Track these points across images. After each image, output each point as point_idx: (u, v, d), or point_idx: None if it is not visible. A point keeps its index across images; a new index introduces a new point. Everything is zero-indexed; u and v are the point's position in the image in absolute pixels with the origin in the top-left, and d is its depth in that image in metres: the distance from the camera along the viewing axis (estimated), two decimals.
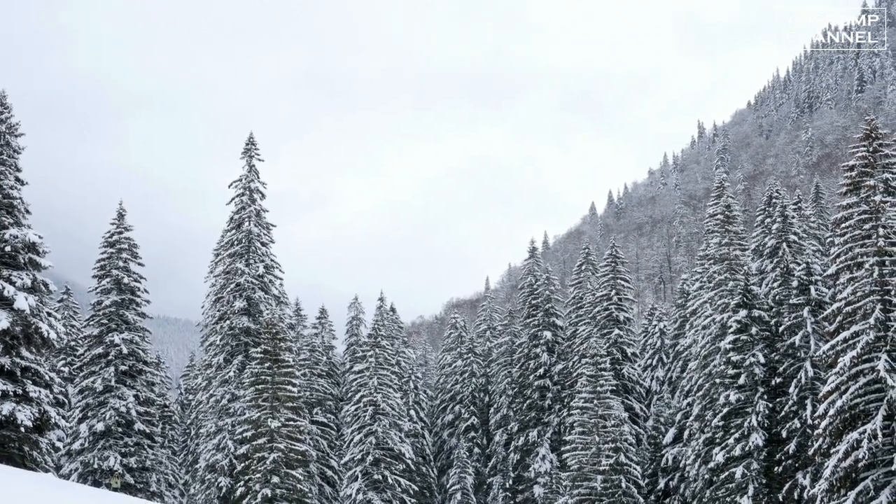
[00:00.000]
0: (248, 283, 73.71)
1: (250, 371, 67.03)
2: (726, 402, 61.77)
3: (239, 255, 74.84)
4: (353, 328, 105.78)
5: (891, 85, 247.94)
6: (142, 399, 68.60)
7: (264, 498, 62.43)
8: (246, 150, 76.71)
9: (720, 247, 72.08)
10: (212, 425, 71.26)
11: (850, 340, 44.99)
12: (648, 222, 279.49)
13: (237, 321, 72.93)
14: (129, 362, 68.26)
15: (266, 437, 64.40)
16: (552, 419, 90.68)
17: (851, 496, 43.03)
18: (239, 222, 75.69)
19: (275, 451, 63.71)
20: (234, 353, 73.42)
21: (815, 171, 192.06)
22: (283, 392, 66.24)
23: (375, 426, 72.59)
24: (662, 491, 76.35)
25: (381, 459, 72.16)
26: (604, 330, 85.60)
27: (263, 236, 76.25)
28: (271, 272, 76.04)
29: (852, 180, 47.16)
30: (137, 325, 70.30)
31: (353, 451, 72.55)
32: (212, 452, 70.29)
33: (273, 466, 63.30)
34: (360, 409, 73.88)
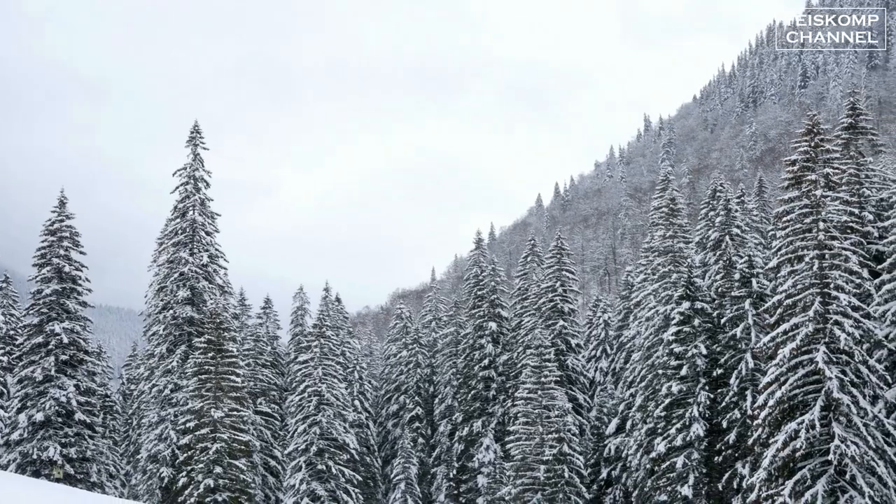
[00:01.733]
0: (192, 273, 73.20)
1: (193, 361, 66.65)
2: (669, 393, 62.40)
3: (183, 244, 74.29)
4: (298, 318, 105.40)
5: (833, 81, 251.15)
6: (82, 389, 67.84)
7: (207, 488, 62.13)
8: (191, 138, 76.06)
9: (664, 239, 72.76)
10: (154, 415, 70.76)
11: (790, 332, 45.59)
12: (594, 214, 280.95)
13: (181, 311, 72.43)
14: (70, 352, 67.49)
15: (209, 427, 64.10)
16: (497, 409, 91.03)
17: (789, 485, 43.66)
18: (183, 211, 75.09)
19: (218, 442, 63.44)
20: (178, 342, 72.91)
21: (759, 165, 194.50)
22: (227, 382, 65.96)
23: (320, 416, 72.42)
24: (605, 480, 76.99)
25: (326, 450, 72.03)
26: (549, 321, 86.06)
27: (208, 225, 75.70)
28: (216, 262, 75.56)
29: (794, 175, 47.74)
30: (78, 315, 69.48)
31: (297, 442, 72.34)
32: (154, 443, 69.79)
33: (216, 457, 63.03)
34: (304, 400, 73.66)
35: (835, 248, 45.59)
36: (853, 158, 60.65)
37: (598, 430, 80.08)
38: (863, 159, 61.44)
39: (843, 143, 61.20)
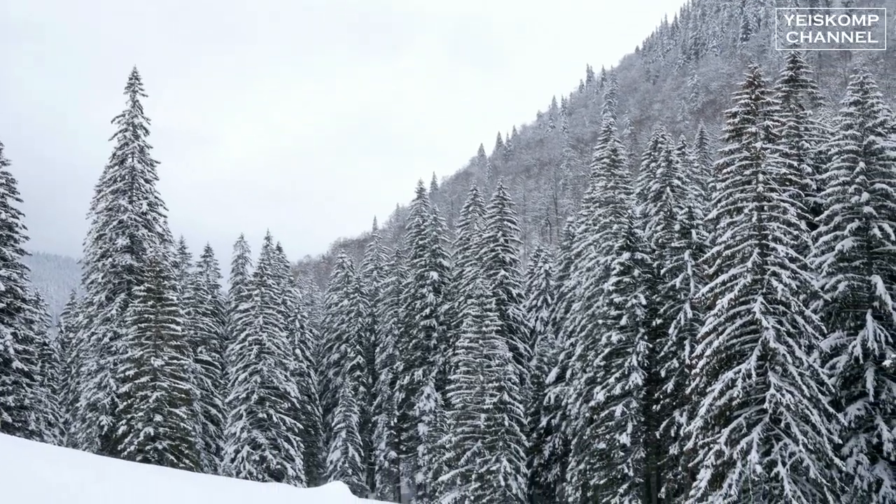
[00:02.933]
0: (132, 221, 72.39)
1: (133, 309, 66.08)
2: (608, 343, 62.91)
3: (122, 191, 73.40)
4: (238, 267, 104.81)
5: (775, 34, 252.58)
6: (20, 337, 66.90)
7: (147, 436, 61.89)
8: (129, 84, 74.98)
9: (606, 190, 73.01)
10: (93, 364, 70.23)
11: (728, 283, 46.03)
12: (536, 165, 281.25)
13: (120, 259, 71.69)
14: (7, 300, 66.44)
15: (149, 375, 63.75)
16: (438, 359, 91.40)
17: (725, 433, 44.29)
18: (122, 158, 74.10)
19: (158, 390, 63.13)
20: (117, 291, 72.23)
21: (700, 116, 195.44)
22: (167, 331, 65.54)
23: (261, 365, 72.21)
24: (544, 429, 77.68)
25: (266, 398, 71.90)
26: (490, 271, 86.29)
27: (147, 173, 74.82)
28: (155, 209, 74.76)
29: (735, 127, 47.99)
30: (15, 262, 68.32)
31: (238, 390, 72.14)
32: (93, 391, 69.32)
33: (156, 405, 62.76)
34: (245, 348, 73.39)
35: (773, 200, 45.99)
36: (793, 111, 61.22)
37: (539, 379, 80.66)
38: (802, 112, 62.03)
39: (784, 96, 61.75)
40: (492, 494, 65.45)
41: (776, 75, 68.96)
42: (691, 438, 46.87)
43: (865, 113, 52.42)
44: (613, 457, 61.91)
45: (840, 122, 54.87)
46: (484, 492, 65.56)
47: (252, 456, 70.10)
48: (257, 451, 70.49)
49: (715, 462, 44.20)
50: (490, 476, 65.57)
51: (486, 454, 66.59)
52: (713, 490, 44.80)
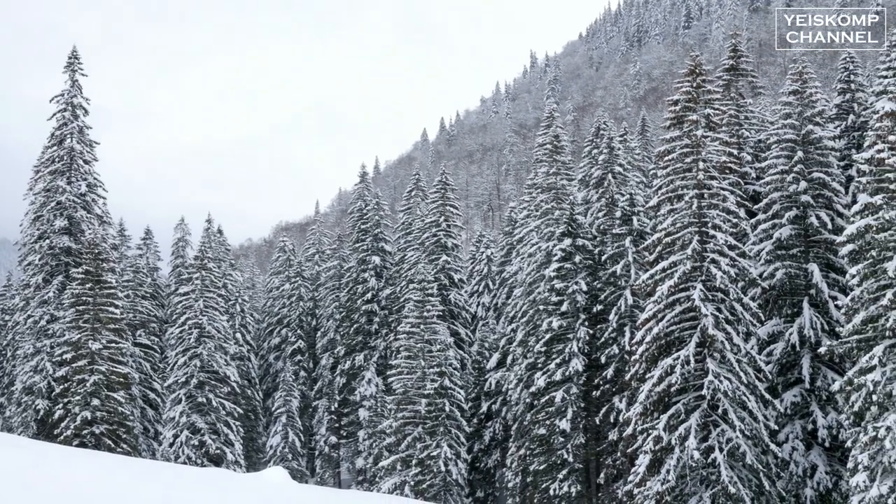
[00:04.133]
0: (70, 202, 71.43)
1: (71, 292, 65.23)
2: (549, 329, 63.07)
3: (60, 172, 72.39)
4: (178, 250, 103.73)
5: (716, 22, 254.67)
6: None
7: (84, 420, 61.19)
8: (69, 64, 74.06)
9: (548, 176, 73.19)
10: (29, 347, 69.28)
11: (668, 270, 46.32)
12: (479, 150, 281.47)
13: (57, 240, 70.77)
14: None
15: (86, 358, 63.00)
16: (379, 343, 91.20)
17: (664, 419, 44.61)
18: (61, 139, 73.12)
19: (95, 374, 62.44)
20: (54, 273, 71.33)
21: (642, 104, 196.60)
22: (105, 313, 64.80)
23: (200, 349, 71.60)
24: (485, 414, 77.81)
25: (206, 382, 71.33)
26: (432, 256, 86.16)
27: (86, 154, 73.88)
28: (94, 191, 73.86)
29: (676, 115, 48.24)
30: None
31: (178, 374, 71.47)
32: (29, 374, 68.40)
33: (93, 389, 62.10)
34: (185, 332, 72.70)
35: (713, 187, 46.33)
36: (734, 100, 61.67)
37: (480, 365, 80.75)
38: (743, 101, 62.53)
39: (725, 85, 62.18)
40: (432, 480, 65.50)
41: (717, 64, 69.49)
42: (630, 424, 47.18)
43: (804, 103, 52.99)
44: (553, 442, 62.14)
45: (779, 111, 55.43)
46: (424, 477, 65.57)
47: (191, 441, 69.54)
48: (196, 436, 69.92)
49: (653, 448, 44.52)
50: (430, 461, 65.58)
51: (426, 439, 66.58)
52: (651, 475, 45.15)
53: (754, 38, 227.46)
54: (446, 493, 66.19)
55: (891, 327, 34.37)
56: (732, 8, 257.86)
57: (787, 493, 47.37)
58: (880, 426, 33.72)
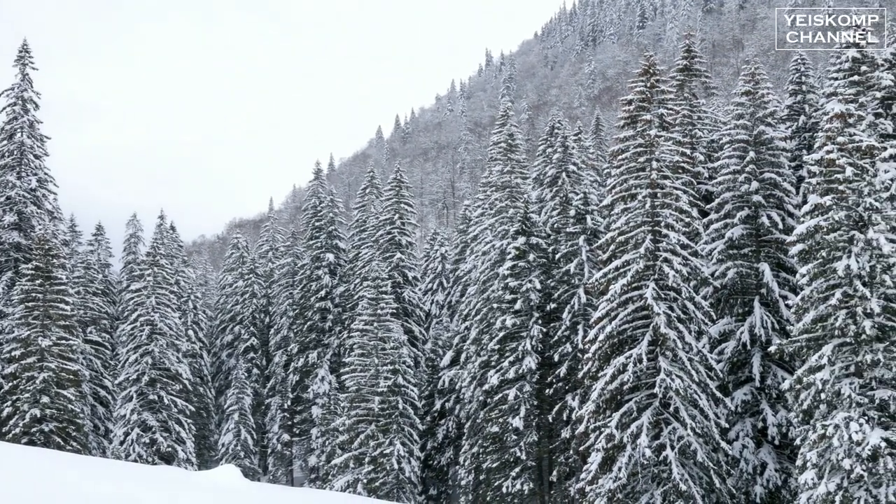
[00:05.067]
0: (20, 197, 70.73)
1: (20, 288, 64.54)
2: (503, 327, 63.19)
3: (10, 167, 71.70)
4: (131, 246, 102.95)
5: (670, 23, 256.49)
6: None
7: (33, 418, 60.58)
8: (19, 57, 73.45)
9: (502, 174, 73.34)
10: None
11: (621, 269, 46.54)
12: (434, 148, 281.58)
13: (7, 236, 70.07)
14: None
15: (36, 356, 62.39)
16: (332, 341, 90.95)
17: (616, 417, 44.84)
18: (11, 133, 72.41)
19: (45, 371, 61.83)
20: (4, 269, 70.60)
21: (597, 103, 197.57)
22: (55, 310, 64.16)
23: (152, 346, 71.03)
24: (438, 412, 77.84)
25: (158, 379, 70.79)
26: (386, 253, 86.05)
27: (37, 148, 73.22)
28: (45, 186, 73.19)
29: (630, 114, 48.50)
30: None
31: (129, 371, 70.87)
32: None
33: (43, 386, 61.48)
34: (136, 329, 72.09)
35: (666, 187, 46.60)
36: (687, 100, 62.08)
37: (433, 363, 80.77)
38: (696, 101, 62.96)
39: (678, 85, 62.57)
40: (385, 477, 65.40)
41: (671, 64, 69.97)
42: (583, 422, 47.37)
43: (756, 103, 53.47)
44: (506, 440, 62.30)
45: (732, 111, 55.93)
46: (377, 475, 65.47)
47: (142, 438, 68.99)
48: (147, 434, 69.37)
49: (605, 445, 44.73)
50: (383, 459, 65.48)
51: (379, 437, 66.47)
52: (603, 473, 45.35)
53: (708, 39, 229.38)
54: (399, 490, 66.14)
55: (840, 326, 34.75)
56: (686, 9, 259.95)
57: (737, 491, 47.77)
58: (828, 424, 34.10)
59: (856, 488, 33.57)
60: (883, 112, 46.64)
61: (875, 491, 33.25)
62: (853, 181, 35.24)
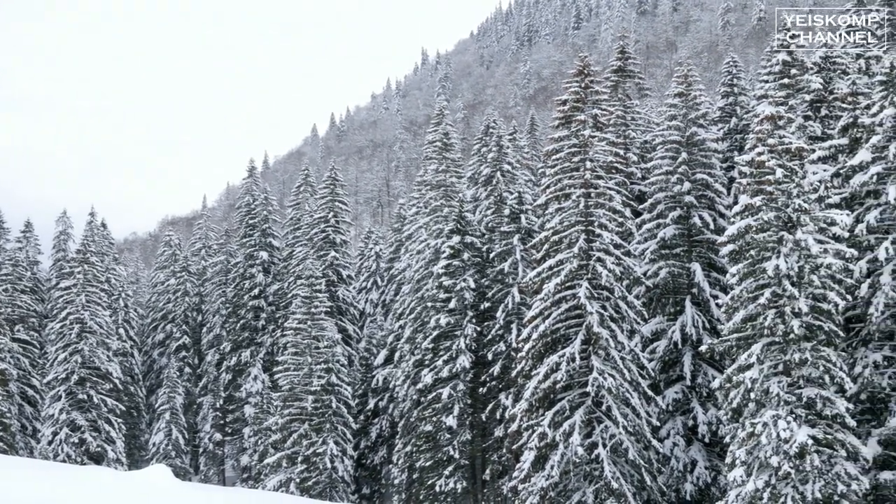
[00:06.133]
0: None
1: None
2: (437, 326, 63.24)
3: None
4: (60, 243, 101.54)
5: (605, 24, 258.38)
6: None
7: None
8: None
9: (437, 173, 73.32)
10: None
11: (555, 268, 46.74)
12: (369, 146, 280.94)
13: None
14: None
15: None
16: (266, 339, 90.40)
17: (549, 416, 45.03)
18: None
19: None
20: None
21: (532, 103, 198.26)
22: None
23: (82, 344, 70.03)
24: (372, 411, 77.72)
25: (87, 378, 69.82)
26: (320, 252, 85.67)
27: None
28: None
29: (564, 114, 48.73)
30: None
31: (57, 370, 69.79)
32: None
33: None
34: (66, 327, 71.03)
35: (600, 187, 46.90)
36: (621, 101, 62.59)
37: (367, 361, 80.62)
38: (630, 102, 63.49)
39: (612, 86, 63.05)
40: (318, 476, 65.10)
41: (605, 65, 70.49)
42: (516, 421, 47.49)
43: (689, 105, 54.01)
44: (440, 439, 62.35)
45: (665, 113, 56.44)
46: (310, 474, 65.15)
47: (71, 438, 67.99)
48: (76, 434, 68.38)
49: (538, 444, 44.90)
50: (316, 458, 65.18)
51: (312, 436, 66.16)
52: (536, 471, 45.54)
53: (642, 41, 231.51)
54: (332, 490, 65.87)
55: (768, 326, 35.18)
56: (621, 10, 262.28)
57: (667, 488, 48.24)
58: (757, 422, 34.51)
59: (783, 485, 34.02)
60: (812, 115, 47.34)
61: (802, 488, 33.73)
62: (783, 182, 35.71)
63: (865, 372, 38.35)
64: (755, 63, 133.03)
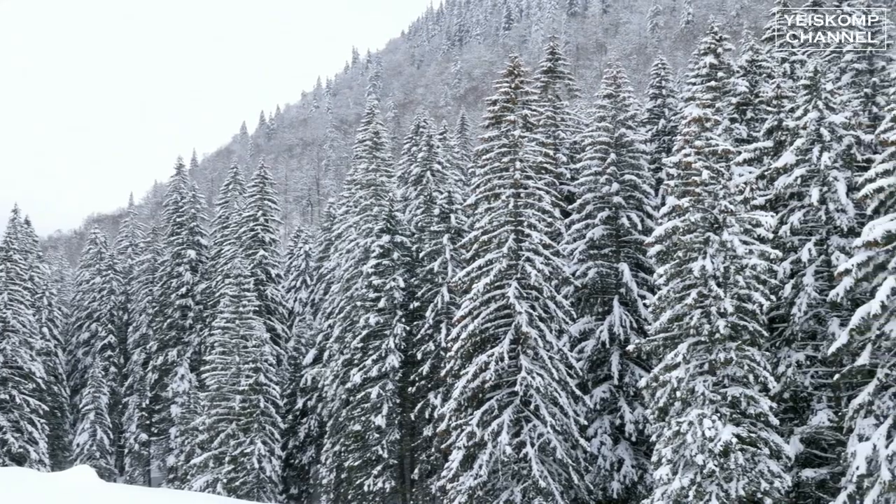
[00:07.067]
0: None
1: None
2: (366, 325, 63.13)
3: None
4: None
5: (535, 25, 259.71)
6: None
7: None
8: None
9: (368, 172, 73.12)
10: None
11: (484, 268, 46.87)
12: (299, 144, 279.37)
13: None
14: None
15: None
16: (193, 339, 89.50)
17: (477, 415, 45.14)
18: None
19: None
20: None
21: (462, 103, 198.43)
22: None
23: (4, 343, 68.89)
24: (300, 411, 77.35)
25: (9, 378, 68.68)
26: (249, 251, 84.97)
27: None
28: None
29: (494, 115, 48.88)
30: None
31: None
32: None
33: None
34: None
35: (529, 187, 47.12)
36: (551, 101, 62.87)
37: (296, 361, 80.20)
38: (559, 103, 63.81)
39: (542, 87, 63.31)
40: (245, 477, 64.60)
41: (536, 66, 70.79)
42: (445, 420, 47.55)
43: (617, 106, 54.49)
44: (368, 438, 62.24)
45: (594, 114, 56.91)
46: (237, 474, 64.62)
47: None
48: None
49: (467, 443, 44.99)
50: (244, 458, 64.67)
51: (240, 436, 65.63)
52: (464, 471, 45.63)
53: (572, 42, 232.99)
54: (260, 490, 65.43)
55: (695, 325, 35.60)
56: (552, 11, 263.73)
57: (595, 487, 48.59)
58: (683, 421, 34.89)
59: (708, 483, 34.43)
60: (738, 117, 47.99)
61: (726, 486, 34.16)
62: (709, 184, 36.14)
63: (788, 371, 38.99)
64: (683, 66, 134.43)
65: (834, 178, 38.86)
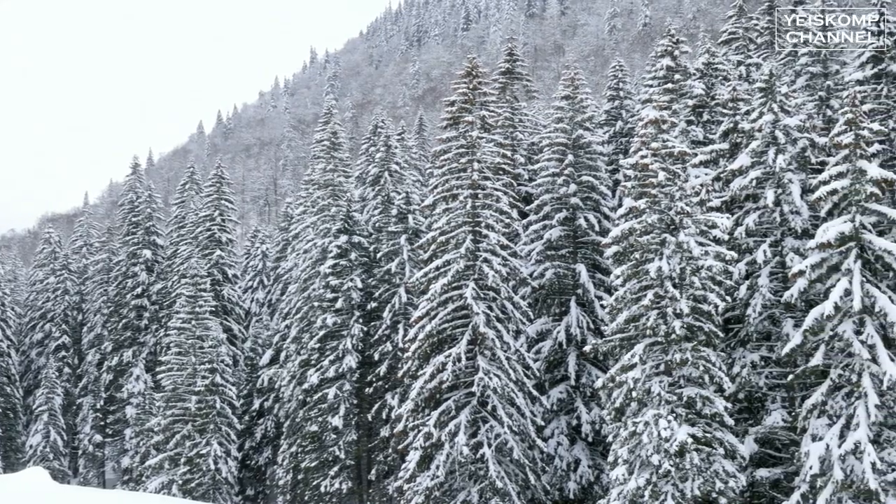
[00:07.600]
0: None
1: None
2: (323, 325, 62.96)
3: None
4: None
5: (494, 26, 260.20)
6: None
7: None
8: None
9: (325, 173, 72.91)
10: None
11: (442, 268, 46.88)
12: (257, 144, 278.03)
13: None
14: None
15: None
16: (149, 339, 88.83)
17: (434, 416, 45.12)
18: None
19: None
20: None
21: (420, 103, 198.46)
22: None
23: None
24: (257, 411, 77.04)
25: None
26: (205, 251, 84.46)
27: None
28: None
29: (452, 115, 48.89)
30: None
31: None
32: None
33: None
34: None
35: (487, 188, 47.21)
36: (509, 102, 63.00)
37: (253, 361, 79.89)
38: (517, 104, 63.94)
39: (500, 88, 63.42)
40: (201, 478, 64.20)
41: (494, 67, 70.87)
42: (402, 421, 47.49)
43: (575, 108, 54.68)
44: (325, 439, 62.08)
45: (552, 115, 57.09)
46: (193, 475, 64.20)
47: None
48: None
49: (424, 444, 44.97)
50: (199, 460, 64.26)
51: (196, 437, 65.22)
52: (421, 471, 45.60)
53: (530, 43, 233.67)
54: (215, 491, 65.05)
55: (651, 326, 35.80)
56: (510, 13, 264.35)
57: (551, 487, 48.71)
58: (639, 421, 35.09)
59: (664, 483, 34.64)
60: (694, 119, 48.31)
61: (682, 485, 34.39)
62: (665, 185, 36.37)
63: (743, 372, 39.31)
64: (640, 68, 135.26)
65: (789, 180, 39.24)
